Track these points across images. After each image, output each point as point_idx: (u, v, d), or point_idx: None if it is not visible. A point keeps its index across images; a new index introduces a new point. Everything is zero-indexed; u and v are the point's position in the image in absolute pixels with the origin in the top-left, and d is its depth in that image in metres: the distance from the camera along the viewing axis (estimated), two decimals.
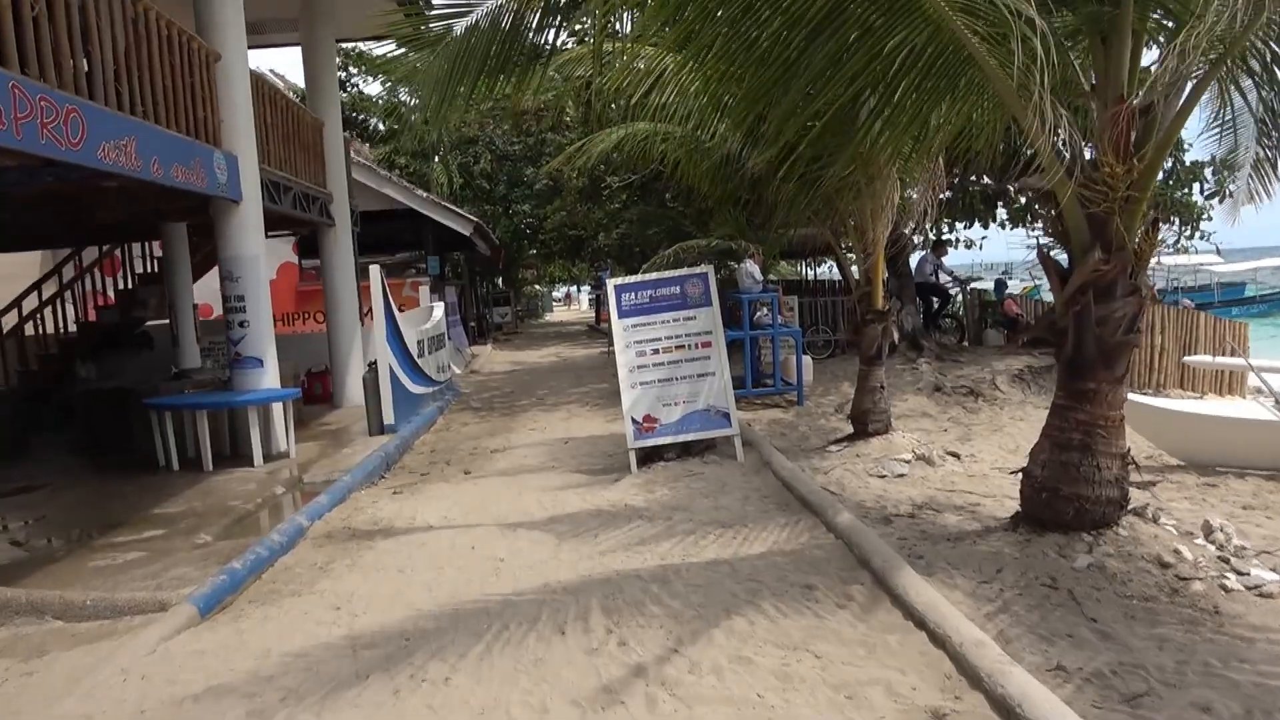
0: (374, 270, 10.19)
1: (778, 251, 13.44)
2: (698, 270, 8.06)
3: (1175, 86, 4.46)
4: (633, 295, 7.93)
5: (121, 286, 13.94)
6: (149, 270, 13.85)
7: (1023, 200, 17.15)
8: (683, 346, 7.85)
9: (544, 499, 7.09)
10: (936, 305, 15.59)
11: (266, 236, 14.64)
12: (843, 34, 4.59)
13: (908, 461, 7.38)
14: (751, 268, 10.99)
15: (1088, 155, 4.83)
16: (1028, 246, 19.19)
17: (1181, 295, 29.09)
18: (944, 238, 16.28)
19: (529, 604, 4.61)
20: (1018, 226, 18.16)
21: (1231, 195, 14.14)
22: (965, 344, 15.89)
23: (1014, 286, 18.63)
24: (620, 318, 7.91)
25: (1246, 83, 5.59)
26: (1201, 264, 31.54)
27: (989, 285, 17.51)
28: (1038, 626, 4.18)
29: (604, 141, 8.01)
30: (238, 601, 5.11)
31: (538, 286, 58.90)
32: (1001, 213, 16.85)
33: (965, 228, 16.72)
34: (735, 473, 7.32)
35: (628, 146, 8.04)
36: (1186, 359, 11.15)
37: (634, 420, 7.68)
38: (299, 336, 15.90)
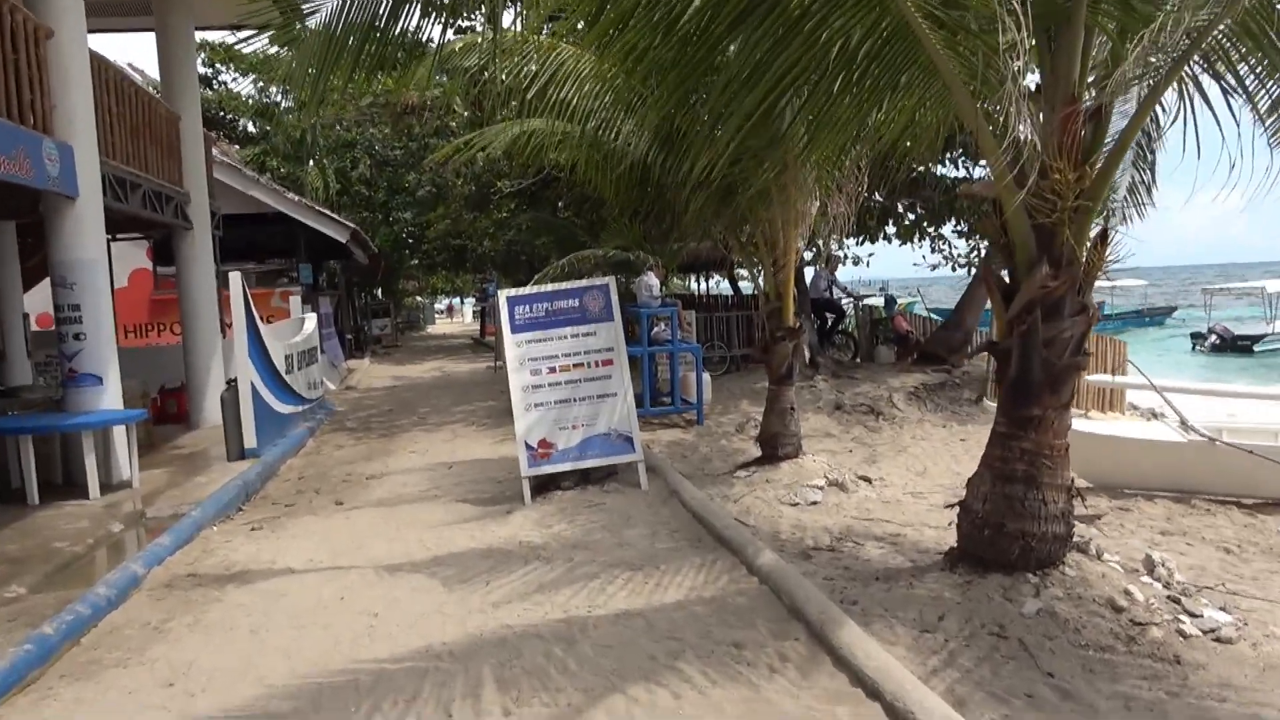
0: (234, 277, 9.16)
1: (676, 264, 12.98)
2: (598, 282, 7.42)
3: (1131, 87, 4.11)
4: (527, 308, 7.23)
5: None
6: None
7: (911, 218, 17.30)
8: (582, 365, 7.19)
9: (426, 536, 6.31)
10: (831, 321, 15.44)
11: (114, 239, 13.40)
12: (774, 20, 4.08)
13: (821, 488, 6.94)
14: (651, 280, 10.46)
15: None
16: (915, 264, 19.46)
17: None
18: (836, 253, 16.18)
19: (407, 674, 3.86)
20: (905, 243, 18.35)
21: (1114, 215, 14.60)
22: (858, 361, 15.81)
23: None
24: (513, 333, 7.19)
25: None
26: None
27: (878, 301, 17.54)
28: (990, 683, 3.72)
29: (497, 137, 7.30)
30: (46, 676, 4.17)
31: (419, 298, 57.20)
32: (889, 229, 16.93)
33: (857, 244, 16.71)
34: (640, 503, 6.71)
35: (522, 145, 7.35)
36: (1089, 378, 11.20)
37: (528, 445, 6.97)
38: (153, 350, 14.50)
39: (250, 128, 28.28)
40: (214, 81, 27.88)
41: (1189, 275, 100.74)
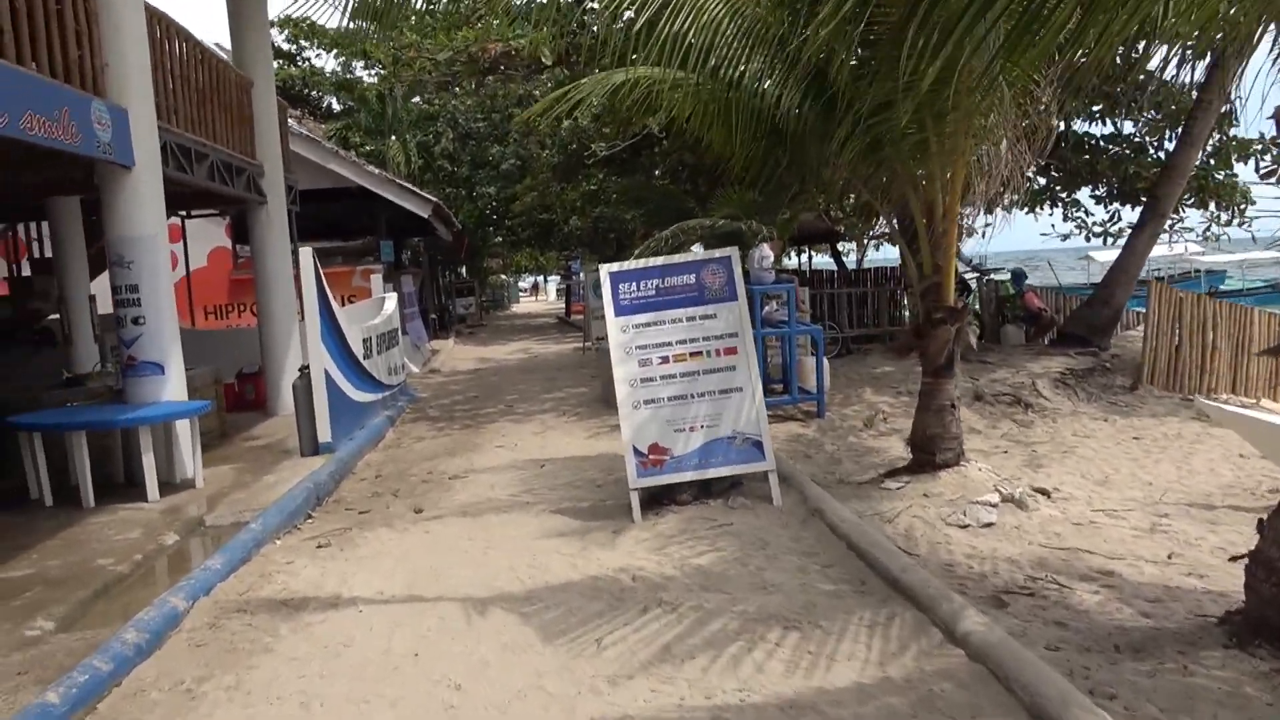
0: (305, 253, 8.28)
1: (790, 235, 11.67)
2: (718, 254, 6.22)
3: None
4: (634, 286, 6.08)
5: (16, 274, 11.89)
6: (46, 255, 11.77)
7: (1042, 182, 15.57)
8: (700, 354, 6.02)
9: (518, 560, 5.26)
10: None
11: (189, 215, 12.76)
12: None
13: (994, 506, 5.66)
14: (765, 253, 9.22)
15: None
16: (1043, 235, 17.66)
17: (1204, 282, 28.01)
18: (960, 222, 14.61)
19: None
20: (1031, 211, 16.60)
21: None
22: (984, 342, 14.28)
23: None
24: (618, 315, 6.05)
25: None
26: (1181, 254, 30.85)
27: (1004, 276, 15.87)
28: None
29: (597, 87, 6.15)
30: None
31: (504, 276, 56.89)
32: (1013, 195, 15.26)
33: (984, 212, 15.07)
34: (775, 524, 5.53)
35: (625, 96, 6.19)
36: None
37: (638, 451, 5.83)
38: (233, 332, 13.91)
39: (334, 105, 27.87)
40: (298, 58, 27.55)
41: None
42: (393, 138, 23.55)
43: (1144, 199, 13.24)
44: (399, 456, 8.92)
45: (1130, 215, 14.73)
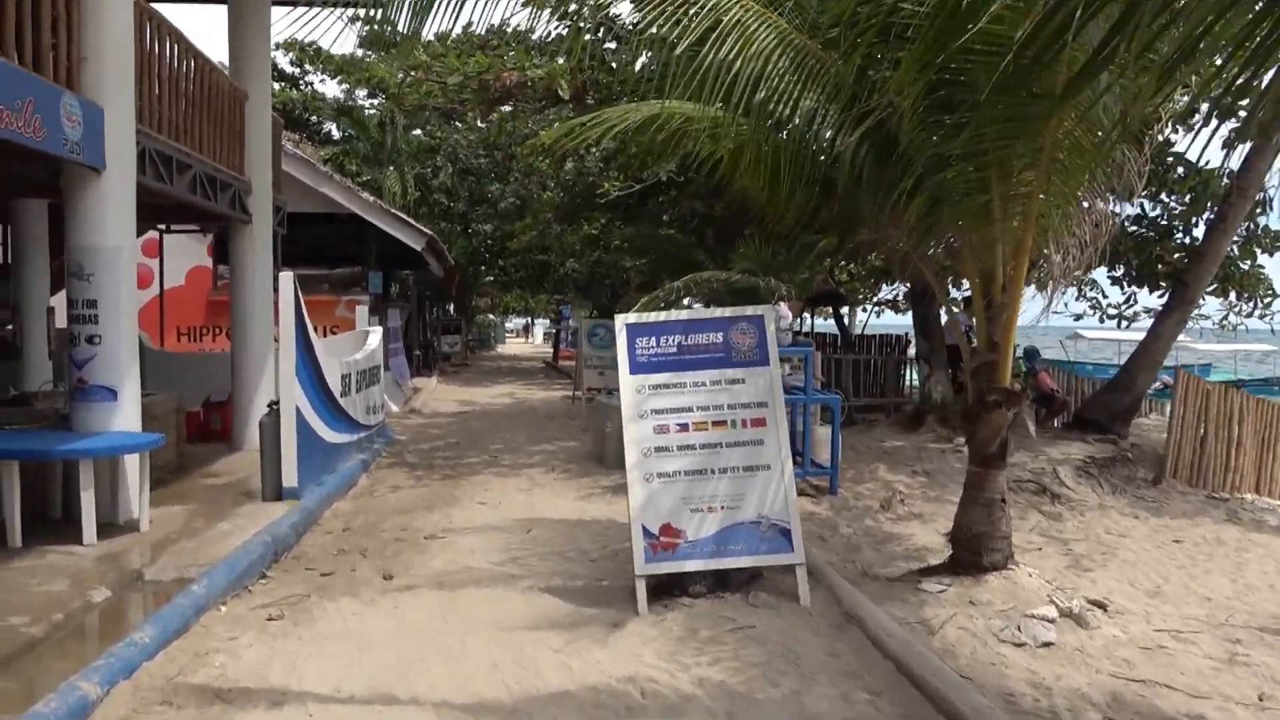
0: (285, 279, 7.55)
1: (806, 296, 11.05)
2: (749, 312, 5.54)
3: None
4: (653, 340, 5.37)
5: None
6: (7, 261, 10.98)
7: (1058, 258, 15.11)
8: (724, 423, 5.28)
9: (502, 654, 4.47)
10: None
11: (169, 230, 12.04)
12: None
13: (1051, 622, 4.94)
14: (784, 313, 8.59)
15: None
16: (1055, 312, 17.20)
17: (1161, 373, 27.81)
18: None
19: None
20: (1043, 288, 16.12)
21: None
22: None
23: None
24: (633, 373, 5.31)
25: None
26: (1182, 343, 30.93)
27: (1018, 353, 15.30)
28: None
29: (626, 117, 5.53)
30: None
31: (491, 316, 56.30)
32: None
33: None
34: (804, 629, 4.75)
35: (657, 131, 5.57)
36: None
37: (647, 531, 5.06)
38: (204, 356, 13.12)
39: (334, 133, 27.38)
40: (300, 82, 27.09)
41: None
42: (390, 168, 22.98)
43: (1164, 284, 12.79)
44: (371, 507, 8.11)
45: (1147, 299, 14.30)
